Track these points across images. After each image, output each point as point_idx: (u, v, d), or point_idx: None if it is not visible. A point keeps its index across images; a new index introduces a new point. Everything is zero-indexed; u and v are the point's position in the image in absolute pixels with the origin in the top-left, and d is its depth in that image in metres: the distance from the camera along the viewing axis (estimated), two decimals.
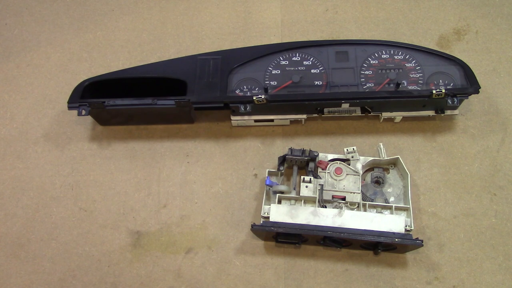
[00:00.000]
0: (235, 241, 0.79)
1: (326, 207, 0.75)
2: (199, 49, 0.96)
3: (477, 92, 0.79)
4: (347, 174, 0.78)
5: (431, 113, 0.83)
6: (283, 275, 0.76)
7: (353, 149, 0.80)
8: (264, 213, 0.75)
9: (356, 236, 0.69)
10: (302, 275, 0.76)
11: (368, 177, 0.81)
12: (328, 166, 0.78)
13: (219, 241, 0.79)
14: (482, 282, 0.74)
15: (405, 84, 0.81)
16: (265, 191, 0.78)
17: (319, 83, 0.82)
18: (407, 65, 0.83)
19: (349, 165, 0.79)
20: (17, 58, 0.97)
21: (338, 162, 0.79)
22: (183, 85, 0.82)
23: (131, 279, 0.76)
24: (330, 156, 0.80)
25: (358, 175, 0.78)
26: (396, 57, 0.84)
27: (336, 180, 0.78)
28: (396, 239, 0.69)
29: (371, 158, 0.80)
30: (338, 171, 0.78)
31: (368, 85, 0.81)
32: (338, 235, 0.69)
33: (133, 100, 0.80)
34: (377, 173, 0.80)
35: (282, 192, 0.76)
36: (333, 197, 0.76)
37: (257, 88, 0.82)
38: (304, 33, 0.97)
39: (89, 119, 0.89)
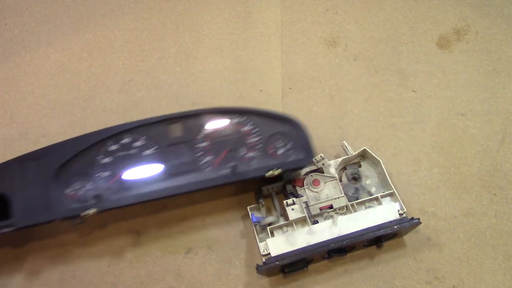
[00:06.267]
0: (235, 241, 0.78)
1: (318, 221, 0.74)
2: (199, 49, 0.96)
3: (312, 164, 0.76)
4: (325, 183, 0.77)
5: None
6: (283, 275, 0.76)
7: (321, 156, 0.78)
8: (263, 251, 0.71)
9: (358, 238, 0.69)
10: (302, 275, 0.76)
11: (344, 177, 0.80)
12: (304, 181, 0.77)
13: (219, 241, 0.79)
14: (482, 282, 0.74)
15: (244, 153, 0.75)
16: (254, 230, 0.75)
17: (155, 165, 0.75)
18: (244, 129, 0.76)
19: (323, 173, 0.78)
20: (17, 58, 0.97)
21: (312, 174, 0.78)
22: (4, 200, 0.71)
23: (131, 279, 0.76)
24: (303, 171, 0.79)
25: (336, 179, 0.77)
26: (232, 121, 0.77)
27: (317, 192, 0.77)
28: (395, 226, 0.69)
29: (341, 158, 0.79)
30: (316, 182, 0.77)
31: (206, 159, 0.75)
32: (341, 244, 0.69)
33: None
34: (351, 170, 0.80)
35: (271, 224, 0.74)
36: (320, 209, 0.75)
37: (90, 183, 0.73)
38: (304, 33, 0.97)
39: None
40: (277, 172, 0.72)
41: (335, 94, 0.91)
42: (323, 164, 0.78)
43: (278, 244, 0.70)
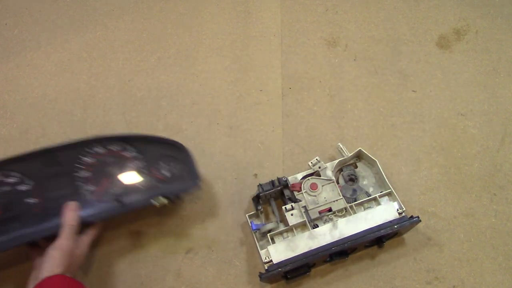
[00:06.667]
0: (235, 241, 0.78)
1: (318, 225, 0.73)
2: (199, 49, 0.96)
3: (199, 188, 0.73)
4: (322, 186, 0.77)
5: None
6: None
7: (317, 159, 0.78)
8: (265, 258, 0.70)
9: (359, 240, 0.69)
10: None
11: (341, 179, 0.80)
12: (302, 186, 0.77)
13: (219, 241, 0.79)
14: (482, 282, 0.74)
15: (128, 180, 0.73)
16: (255, 237, 0.75)
17: (34, 201, 0.70)
18: (126, 154, 0.73)
19: (320, 176, 0.78)
20: (17, 58, 0.97)
21: (309, 178, 0.77)
22: None
23: (131, 279, 0.76)
24: (300, 176, 0.78)
25: (333, 182, 0.77)
26: (111, 148, 0.73)
27: (315, 195, 0.76)
28: (396, 226, 0.69)
29: (337, 160, 0.79)
30: (314, 186, 0.76)
31: (88, 187, 0.72)
32: (343, 246, 0.69)
33: None
34: (347, 172, 0.80)
35: (271, 230, 0.74)
36: (319, 212, 0.74)
37: None
38: (304, 33, 0.97)
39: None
40: (163, 200, 0.70)
41: (335, 94, 0.91)
42: (319, 167, 0.78)
43: (279, 251, 0.70)
